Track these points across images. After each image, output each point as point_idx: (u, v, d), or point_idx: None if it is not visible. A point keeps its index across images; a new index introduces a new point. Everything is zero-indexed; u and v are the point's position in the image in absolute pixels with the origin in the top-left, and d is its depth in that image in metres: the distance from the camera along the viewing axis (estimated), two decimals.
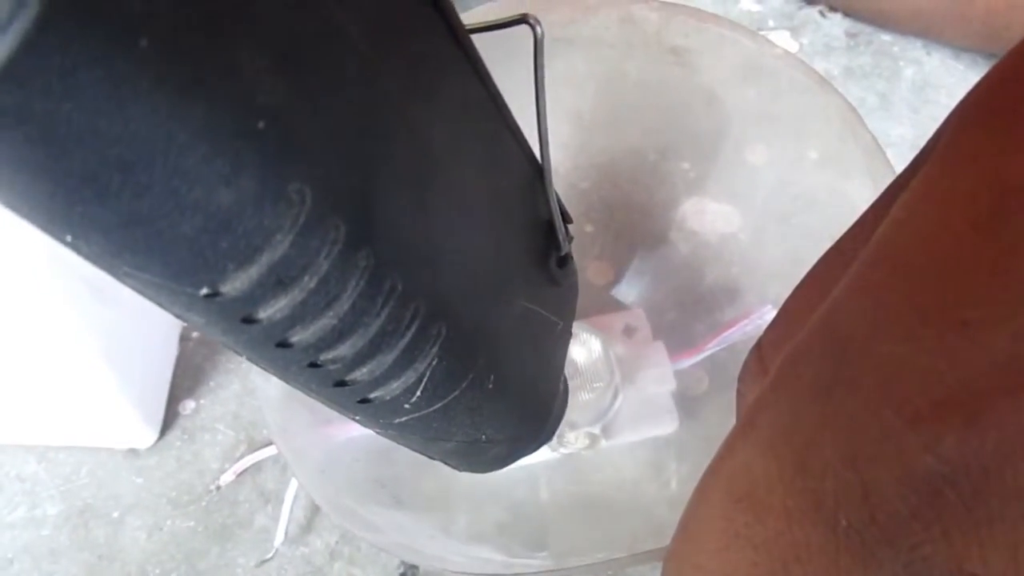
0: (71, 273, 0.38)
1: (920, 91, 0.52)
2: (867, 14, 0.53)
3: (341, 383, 0.17)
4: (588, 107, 0.46)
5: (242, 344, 0.15)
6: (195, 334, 0.47)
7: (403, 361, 0.17)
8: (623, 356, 0.42)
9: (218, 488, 0.42)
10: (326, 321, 0.15)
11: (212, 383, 0.45)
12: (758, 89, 0.40)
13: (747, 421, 0.16)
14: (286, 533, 0.39)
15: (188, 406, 0.45)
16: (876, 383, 0.13)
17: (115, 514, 0.43)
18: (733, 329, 0.42)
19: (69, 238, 0.12)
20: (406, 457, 0.38)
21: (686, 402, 0.42)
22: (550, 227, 0.21)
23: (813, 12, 0.54)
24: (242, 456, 0.43)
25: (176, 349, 0.46)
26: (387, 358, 0.17)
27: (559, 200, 0.22)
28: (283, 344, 0.15)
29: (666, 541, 0.32)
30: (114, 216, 0.12)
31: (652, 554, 0.35)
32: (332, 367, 0.16)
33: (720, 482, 0.16)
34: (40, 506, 0.43)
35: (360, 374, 0.17)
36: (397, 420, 0.19)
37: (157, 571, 0.42)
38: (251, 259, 0.13)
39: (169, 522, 0.42)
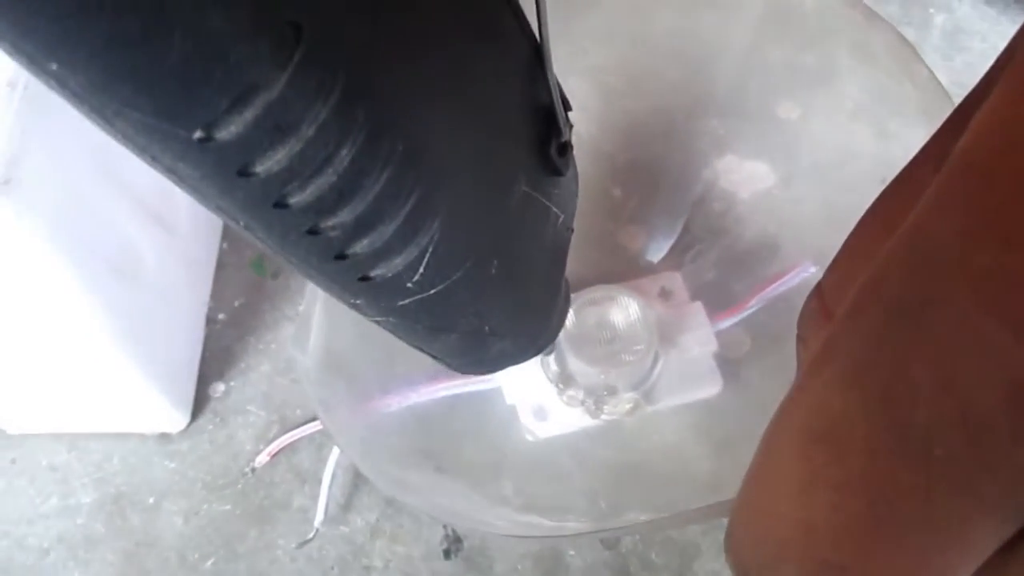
0: (95, 258, 0.38)
1: (952, 38, 0.51)
2: None
3: (342, 256, 0.17)
4: (612, 67, 0.45)
5: (239, 205, 0.15)
6: (221, 316, 0.46)
7: (405, 233, 0.17)
8: (662, 319, 0.41)
9: (253, 470, 0.41)
10: (325, 179, 0.15)
11: (242, 364, 0.44)
12: (798, 30, 0.39)
13: (821, 356, 0.15)
14: (326, 512, 0.38)
15: (218, 388, 0.44)
16: (975, 295, 0.12)
17: (150, 500, 0.42)
18: (774, 286, 0.41)
19: (55, 66, 0.12)
20: (447, 428, 0.38)
21: (729, 364, 0.41)
22: (550, 113, 0.21)
23: None
24: (275, 437, 0.42)
25: (203, 332, 0.45)
26: (388, 228, 0.16)
27: (559, 86, 0.21)
28: (281, 204, 0.15)
29: (710, 502, 0.32)
30: (99, 33, 0.11)
31: (695, 514, 0.34)
32: (332, 234, 0.16)
33: (794, 422, 0.15)
34: (73, 495, 0.43)
35: (361, 246, 0.17)
36: (400, 303, 0.19)
37: (196, 555, 0.41)
38: (246, 99, 0.13)
39: (205, 506, 0.42)
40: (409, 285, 0.18)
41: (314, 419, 0.41)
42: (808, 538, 0.14)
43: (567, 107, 0.21)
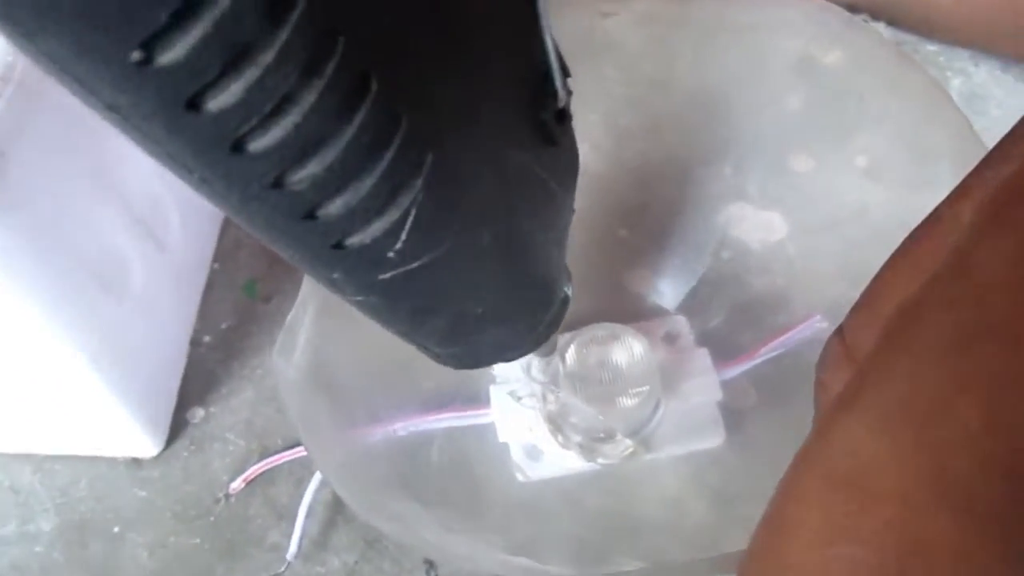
0: (79, 266, 0.36)
1: (968, 102, 0.50)
2: (912, 23, 0.51)
3: (311, 216, 0.15)
4: (627, 108, 0.44)
5: (191, 149, 0.13)
6: (207, 338, 0.44)
7: (383, 191, 0.15)
8: (665, 364, 0.39)
9: (227, 497, 0.39)
10: (289, 119, 0.13)
11: (224, 390, 0.42)
12: (820, 79, 0.38)
13: (848, 397, 0.13)
14: (299, 545, 0.36)
15: (197, 414, 0.42)
16: None
17: (115, 529, 0.40)
18: (783, 337, 0.40)
19: None
20: (434, 461, 0.35)
21: (732, 416, 0.39)
22: (546, 75, 0.19)
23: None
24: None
25: (186, 353, 0.43)
26: (364, 185, 0.15)
27: (557, 49, 0.20)
28: (238, 148, 0.13)
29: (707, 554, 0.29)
30: None
31: (690, 566, 0.31)
32: (299, 188, 0.14)
33: (816, 467, 0.13)
34: (34, 520, 0.40)
35: (334, 206, 0.15)
36: (381, 276, 0.17)
37: None
38: (190, 12, 0.11)
39: (173, 538, 0.39)
40: (390, 255, 0.16)
41: (296, 445, 0.39)
42: None
43: (566, 72, 0.20)
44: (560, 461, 0.37)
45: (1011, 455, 0.11)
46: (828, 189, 0.42)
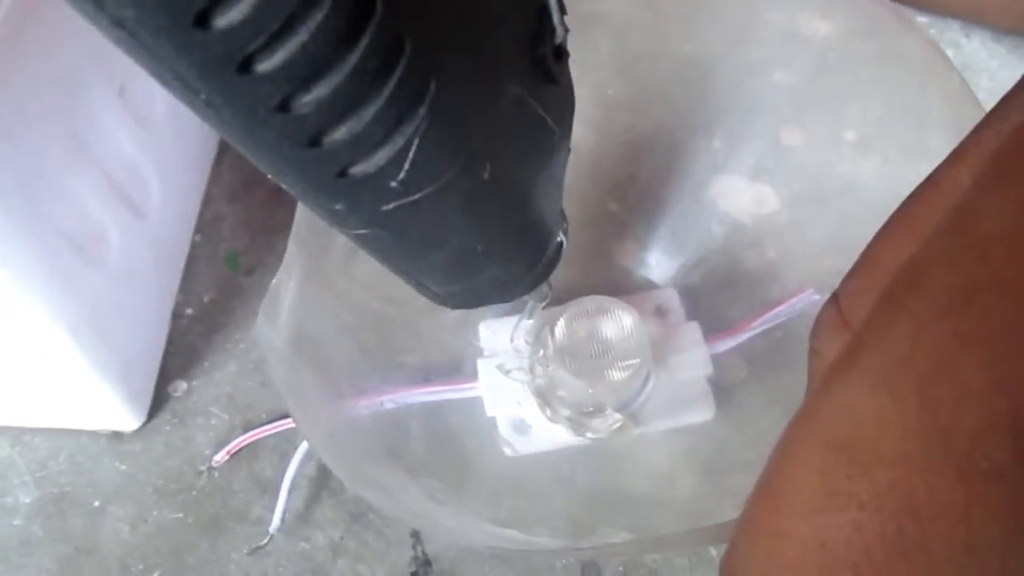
0: (56, 233, 0.35)
1: (960, 74, 0.50)
2: None
3: (316, 142, 0.15)
4: (616, 81, 0.44)
5: (198, 68, 0.13)
6: (189, 311, 0.43)
7: (387, 118, 0.16)
8: (655, 338, 0.39)
9: (210, 470, 0.38)
10: (296, 40, 0.13)
11: (207, 363, 0.42)
12: (816, 42, 0.38)
13: (846, 359, 0.13)
14: (283, 517, 0.35)
15: (179, 387, 0.41)
16: None
17: (95, 503, 0.39)
18: (775, 311, 0.39)
19: None
20: (421, 434, 0.35)
21: (723, 391, 0.39)
22: (544, 10, 0.20)
23: None
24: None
25: (168, 326, 0.42)
26: (368, 111, 0.15)
27: None
28: (245, 68, 0.13)
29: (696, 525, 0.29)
30: None
31: (680, 537, 0.31)
32: (305, 111, 0.14)
33: (813, 430, 0.13)
34: (12, 493, 0.40)
35: (339, 132, 0.15)
36: (384, 208, 0.17)
37: (140, 566, 0.38)
38: None
39: (155, 513, 0.39)
40: (394, 185, 0.17)
41: (280, 418, 0.38)
42: (823, 562, 0.12)
43: (563, 9, 0.20)
44: (548, 435, 0.36)
45: (1016, 413, 0.11)
46: (820, 162, 0.41)
